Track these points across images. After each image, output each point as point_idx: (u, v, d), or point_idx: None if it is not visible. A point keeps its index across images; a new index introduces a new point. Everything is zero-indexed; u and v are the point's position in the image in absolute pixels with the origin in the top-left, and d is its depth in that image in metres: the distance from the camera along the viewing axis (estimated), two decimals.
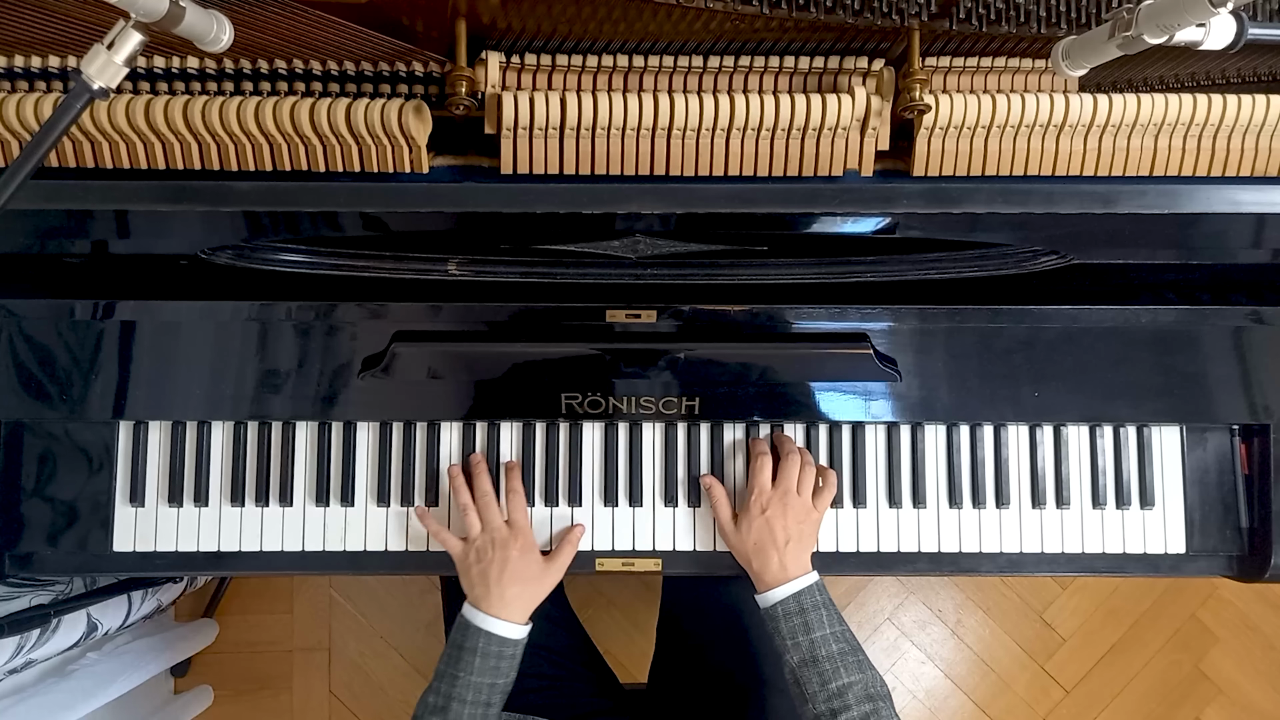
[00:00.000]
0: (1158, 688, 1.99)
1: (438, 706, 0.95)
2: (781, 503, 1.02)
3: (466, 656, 0.96)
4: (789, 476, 1.03)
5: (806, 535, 1.02)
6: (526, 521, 1.04)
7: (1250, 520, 1.09)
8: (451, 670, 0.96)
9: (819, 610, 0.97)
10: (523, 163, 0.94)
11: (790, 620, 0.97)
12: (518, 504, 1.04)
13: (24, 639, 1.15)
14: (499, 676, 0.96)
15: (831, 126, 0.91)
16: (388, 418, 1.08)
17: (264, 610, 1.95)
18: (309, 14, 0.81)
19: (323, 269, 1.02)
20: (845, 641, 0.96)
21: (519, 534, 1.02)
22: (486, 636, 0.96)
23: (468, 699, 0.94)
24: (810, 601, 0.97)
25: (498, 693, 0.97)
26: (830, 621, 0.97)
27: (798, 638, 0.96)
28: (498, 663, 0.96)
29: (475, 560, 1.00)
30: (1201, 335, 1.05)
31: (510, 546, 1.00)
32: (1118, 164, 0.95)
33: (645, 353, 1.04)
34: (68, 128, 0.66)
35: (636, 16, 0.88)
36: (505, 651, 0.97)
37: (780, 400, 1.06)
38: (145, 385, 1.04)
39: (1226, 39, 0.70)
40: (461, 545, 1.03)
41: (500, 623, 0.97)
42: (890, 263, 1.03)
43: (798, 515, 1.02)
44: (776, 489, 1.03)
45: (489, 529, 1.02)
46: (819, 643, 0.95)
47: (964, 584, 2.01)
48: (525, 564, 1.00)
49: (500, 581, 0.98)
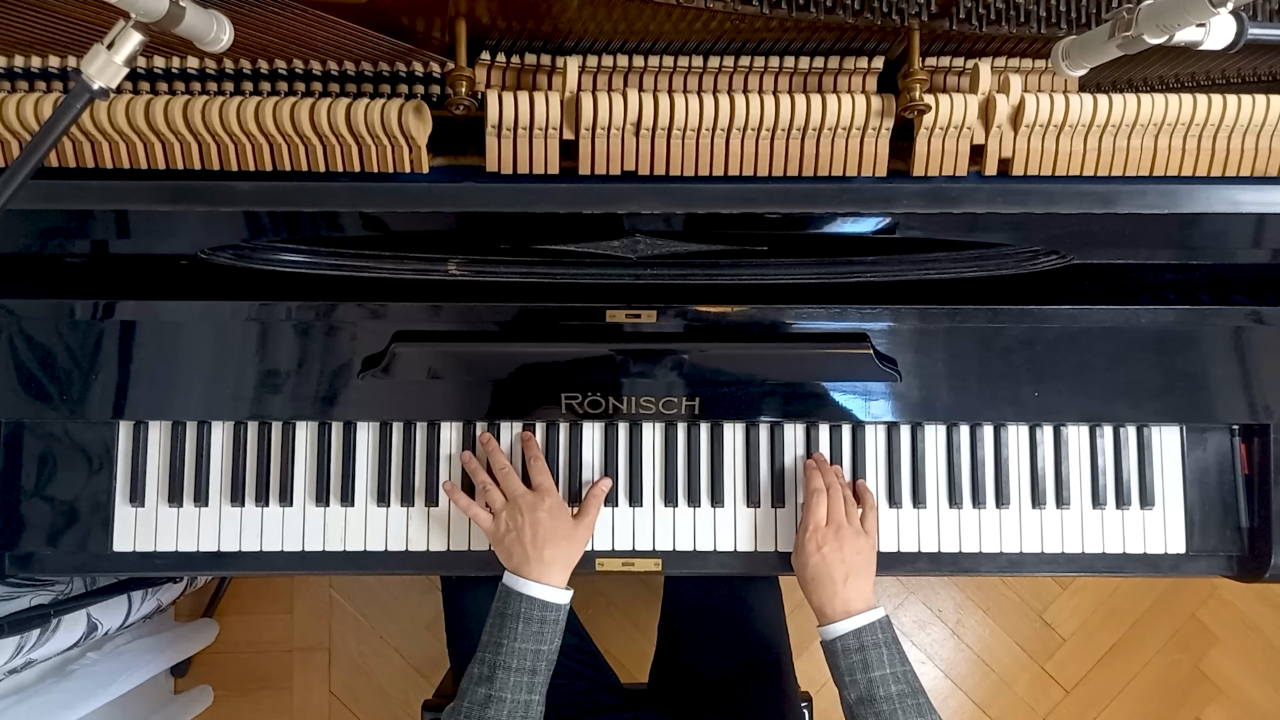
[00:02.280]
0: (1158, 688, 1.99)
1: (483, 676, 0.94)
2: (837, 538, 1.00)
3: (510, 623, 0.95)
4: (839, 509, 1.02)
5: (864, 567, 1.00)
6: (551, 483, 1.04)
7: (1250, 520, 1.09)
8: (495, 638, 0.95)
9: (880, 649, 0.94)
10: (522, 162, 0.94)
11: (849, 657, 0.94)
12: (539, 468, 1.04)
13: (24, 639, 1.15)
14: (543, 642, 0.96)
15: (832, 126, 0.91)
16: (388, 418, 1.08)
17: (264, 610, 1.95)
18: (309, 14, 0.81)
19: (323, 269, 1.02)
20: (906, 683, 0.93)
21: (545, 495, 1.02)
22: (529, 601, 0.96)
23: (513, 666, 0.93)
24: (871, 639, 0.95)
25: (542, 660, 0.96)
26: (891, 661, 0.94)
27: (855, 675, 0.93)
28: (540, 628, 0.95)
29: (507, 530, 1.01)
30: (1201, 335, 1.05)
31: (538, 508, 1.00)
32: (1118, 164, 0.95)
33: (645, 353, 1.04)
34: (68, 128, 0.66)
35: (636, 16, 0.88)
36: (549, 616, 0.96)
37: (780, 400, 1.06)
38: (145, 385, 1.04)
39: (1226, 39, 0.70)
40: (491, 519, 1.03)
41: (541, 586, 0.97)
42: (890, 263, 1.03)
43: (855, 547, 1.00)
44: (830, 524, 1.01)
45: (514, 497, 1.02)
46: (877, 682, 0.92)
47: (964, 584, 2.01)
48: (556, 523, 1.00)
49: (535, 544, 0.98)
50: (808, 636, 1.89)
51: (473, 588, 1.21)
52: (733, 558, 1.09)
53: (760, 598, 1.25)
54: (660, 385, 1.05)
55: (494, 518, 1.03)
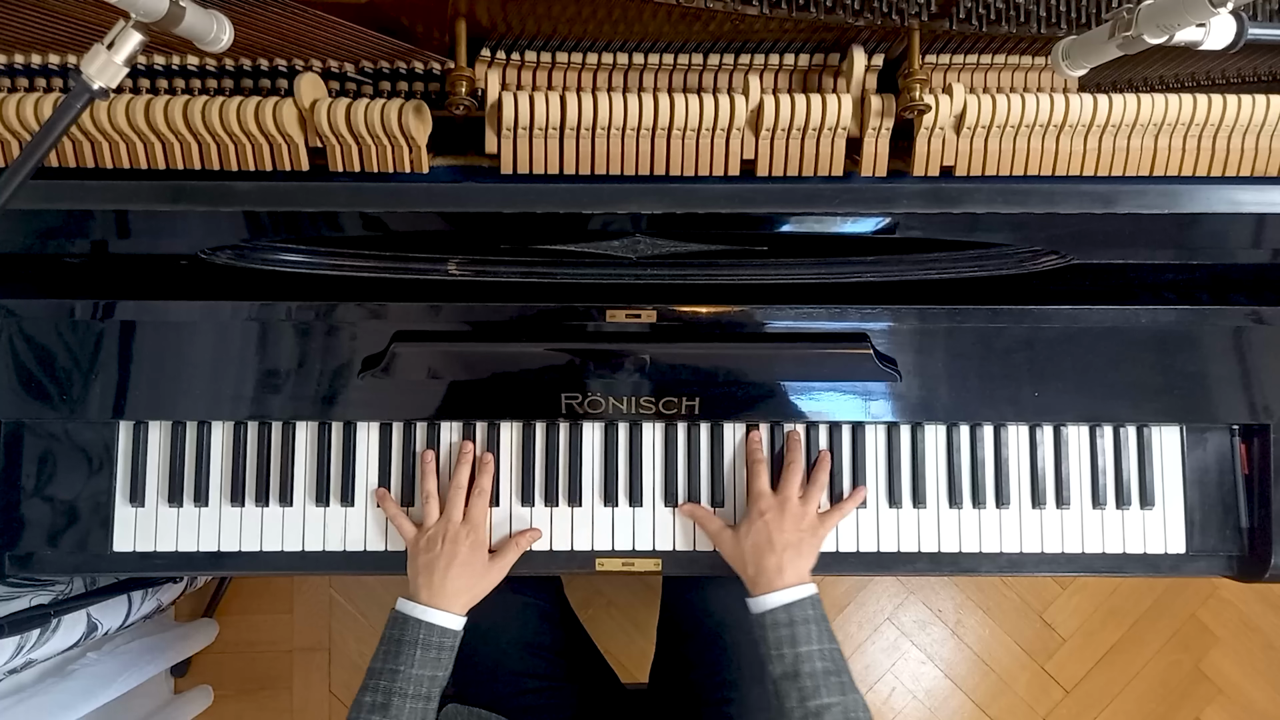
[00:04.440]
0: (1158, 688, 1.99)
1: (377, 704, 0.93)
2: (781, 509, 1.01)
3: (406, 649, 0.95)
4: (791, 483, 1.03)
5: (805, 545, 1.01)
6: (484, 520, 1.05)
7: (1250, 520, 1.09)
8: (391, 665, 0.95)
9: (808, 625, 0.95)
10: (522, 162, 0.94)
11: (777, 630, 0.95)
12: (480, 504, 1.04)
13: (24, 639, 1.15)
14: (439, 669, 0.96)
15: (831, 126, 0.91)
16: (388, 418, 1.08)
17: (264, 610, 1.95)
18: (309, 14, 0.81)
19: (323, 269, 1.02)
20: (831, 660, 0.94)
21: (472, 530, 1.02)
22: (427, 627, 0.96)
23: (409, 692, 0.93)
24: (800, 614, 0.95)
25: (437, 686, 0.96)
26: (819, 638, 0.95)
27: (783, 649, 0.94)
28: (438, 654, 0.96)
29: (424, 549, 1.01)
30: (1201, 335, 1.05)
31: (461, 541, 1.01)
32: (1118, 164, 0.95)
33: (645, 353, 1.04)
34: (68, 128, 0.66)
35: (636, 16, 0.88)
36: (445, 643, 0.97)
37: (780, 400, 1.06)
38: (145, 385, 1.04)
39: (1226, 39, 0.70)
40: (415, 531, 1.03)
41: (439, 613, 0.97)
42: (890, 263, 1.03)
43: (797, 523, 1.01)
44: (778, 495, 1.03)
45: (446, 519, 1.03)
46: (803, 658, 0.93)
47: (964, 584, 2.01)
48: (472, 560, 1.01)
49: (445, 574, 0.99)
50: None
51: None
52: None
53: None
54: (660, 385, 1.05)
55: (418, 531, 1.03)
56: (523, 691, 1.14)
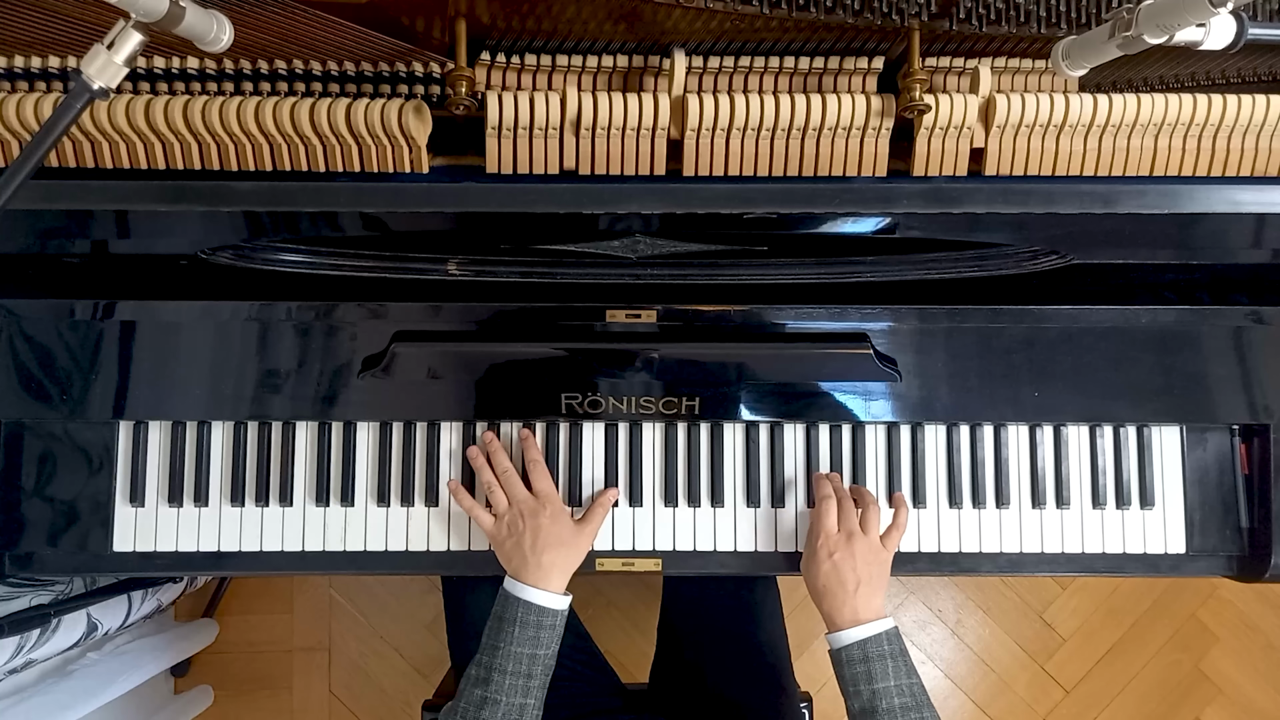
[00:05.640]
0: (1158, 688, 1.99)
1: (480, 679, 0.95)
2: (849, 546, 0.99)
3: (507, 627, 0.96)
4: (851, 517, 1.02)
5: (877, 577, 0.99)
6: (552, 488, 1.05)
7: (1250, 520, 1.09)
8: (492, 642, 0.96)
9: (884, 660, 0.94)
10: (522, 163, 0.94)
11: (854, 667, 0.94)
12: (540, 473, 1.05)
13: (24, 639, 1.15)
14: (539, 647, 0.96)
15: (831, 127, 0.91)
16: (388, 418, 1.08)
17: (264, 610, 1.95)
18: (309, 14, 0.81)
19: (323, 269, 1.02)
20: (911, 696, 0.93)
21: (547, 501, 1.02)
22: (525, 606, 0.96)
23: (509, 669, 0.94)
24: (876, 650, 0.94)
25: (539, 664, 0.96)
26: (896, 673, 0.94)
27: (859, 685, 0.94)
28: (537, 632, 0.96)
29: (508, 534, 1.01)
30: (1201, 335, 1.05)
31: (540, 515, 1.01)
32: (1118, 164, 0.95)
33: (645, 353, 1.04)
34: (68, 128, 0.66)
35: (636, 17, 0.88)
36: (545, 621, 0.97)
37: (780, 400, 1.06)
38: (145, 385, 1.04)
39: (1226, 39, 0.70)
40: (493, 521, 1.03)
41: (539, 592, 0.97)
42: (890, 263, 1.03)
43: (866, 557, 0.99)
44: (841, 530, 1.01)
45: (516, 501, 1.02)
46: (880, 694, 0.92)
47: (964, 584, 2.01)
48: (557, 529, 1.01)
49: (535, 549, 0.99)
50: (807, 637, 1.90)
51: (473, 588, 1.21)
52: (733, 558, 1.09)
53: (759, 598, 1.25)
54: (660, 385, 1.05)
55: (496, 520, 1.03)
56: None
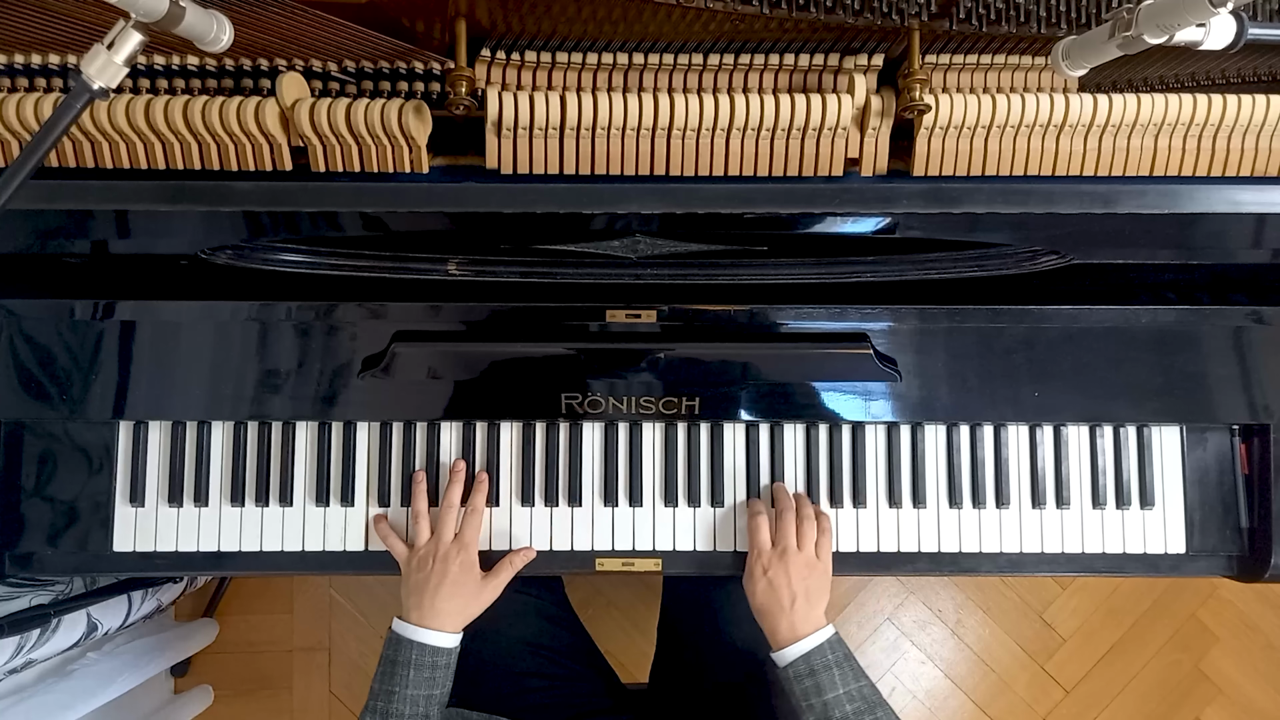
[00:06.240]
0: (1158, 688, 1.99)
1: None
2: (782, 561, 1.00)
3: (401, 670, 0.96)
4: (787, 533, 1.02)
5: (815, 590, 1.00)
6: (475, 539, 1.04)
7: (1250, 520, 1.09)
8: (387, 686, 0.96)
9: (830, 670, 0.95)
10: (522, 162, 0.94)
11: (801, 682, 0.95)
12: (473, 523, 1.04)
13: (24, 639, 1.15)
14: (435, 687, 0.97)
15: (831, 126, 0.91)
16: (388, 418, 1.08)
17: (264, 610, 1.95)
18: (309, 14, 0.81)
19: (323, 269, 1.02)
20: (862, 699, 0.94)
21: (463, 550, 1.02)
22: (419, 648, 0.96)
23: (405, 713, 0.94)
24: (821, 661, 0.95)
25: (435, 704, 0.97)
26: (843, 680, 0.94)
27: (810, 699, 0.94)
28: (432, 673, 0.96)
29: (416, 569, 1.01)
30: (1201, 335, 1.05)
31: (451, 561, 1.00)
32: (1118, 164, 0.95)
33: (645, 353, 1.04)
34: (68, 128, 0.66)
35: (636, 17, 0.88)
36: (439, 661, 0.97)
37: (780, 400, 1.06)
38: (145, 385, 1.04)
39: (1226, 39, 0.70)
40: (407, 551, 1.03)
41: (431, 633, 0.97)
42: (890, 263, 1.03)
43: (801, 571, 1.00)
44: (775, 546, 1.01)
45: (437, 539, 1.02)
46: (831, 704, 0.93)
47: (964, 584, 2.01)
48: (463, 580, 1.00)
49: (436, 594, 0.98)
50: None
51: None
52: (733, 558, 1.09)
53: None
54: (660, 385, 1.05)
55: (410, 551, 1.03)
56: (525, 691, 1.14)
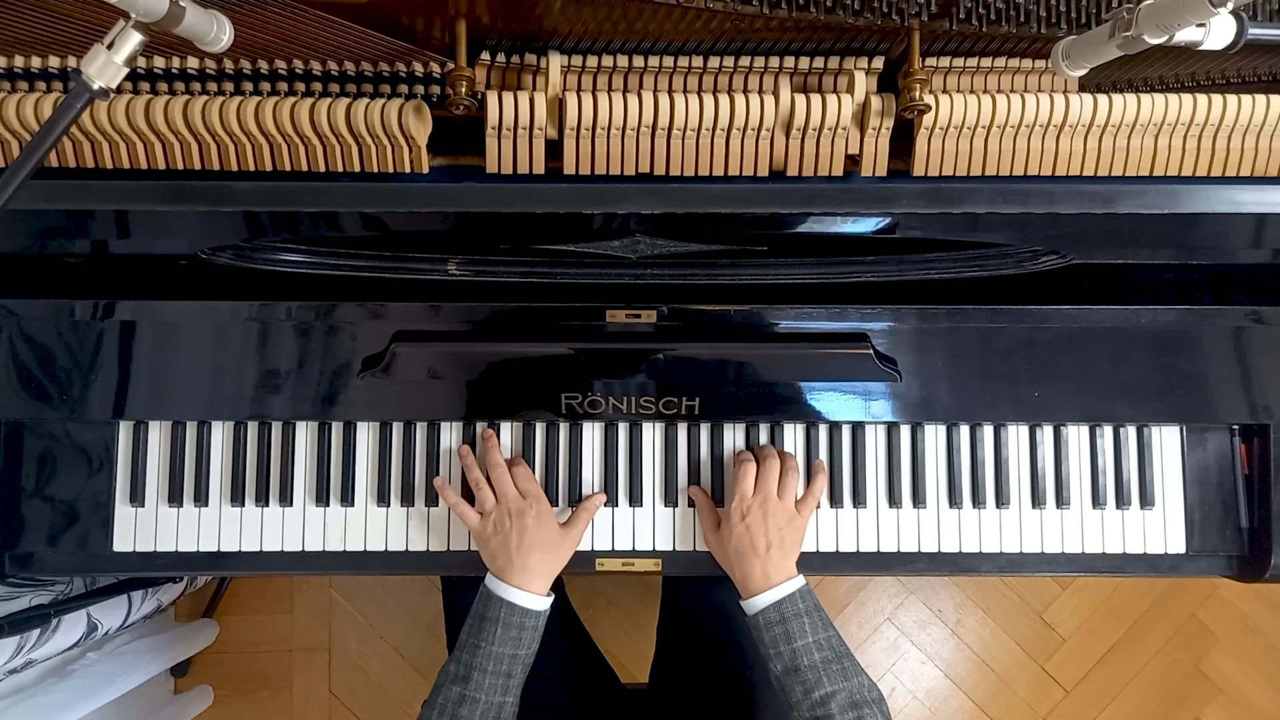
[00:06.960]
0: (1158, 688, 1.99)
1: (458, 675, 0.95)
2: (761, 509, 1.01)
3: (488, 626, 0.96)
4: (769, 481, 1.03)
5: (789, 541, 1.01)
6: (540, 490, 1.05)
7: (1250, 520, 1.09)
8: (473, 640, 0.96)
9: (800, 619, 0.96)
10: (522, 162, 0.94)
11: (771, 629, 0.96)
12: (525, 474, 1.05)
13: (24, 639, 1.15)
14: (520, 647, 0.97)
15: (831, 126, 0.91)
16: (388, 418, 1.08)
17: (264, 610, 1.95)
18: (309, 14, 0.81)
19: (323, 269, 1.02)
20: (830, 649, 0.95)
21: (534, 501, 1.02)
22: (509, 606, 0.97)
23: (489, 668, 0.95)
24: (792, 610, 0.96)
25: (519, 664, 0.97)
26: (813, 629, 0.95)
27: (779, 646, 0.95)
28: (519, 633, 0.96)
29: (494, 532, 1.01)
30: (1201, 335, 1.05)
31: (526, 515, 1.01)
32: (1118, 164, 0.95)
33: (645, 353, 1.04)
34: (68, 128, 0.66)
35: (636, 16, 0.88)
36: (527, 622, 0.97)
37: (780, 400, 1.06)
38: (145, 385, 1.04)
39: (1226, 39, 0.70)
40: (479, 519, 1.03)
41: (522, 593, 0.97)
42: (890, 263, 1.03)
43: (779, 521, 1.01)
44: (756, 494, 1.02)
45: (504, 499, 1.02)
46: (800, 652, 0.94)
47: (964, 584, 2.01)
48: (543, 530, 1.01)
49: (520, 549, 0.99)
50: None
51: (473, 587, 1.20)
52: None
53: None
54: (660, 385, 1.05)
55: (482, 518, 1.03)
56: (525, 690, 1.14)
